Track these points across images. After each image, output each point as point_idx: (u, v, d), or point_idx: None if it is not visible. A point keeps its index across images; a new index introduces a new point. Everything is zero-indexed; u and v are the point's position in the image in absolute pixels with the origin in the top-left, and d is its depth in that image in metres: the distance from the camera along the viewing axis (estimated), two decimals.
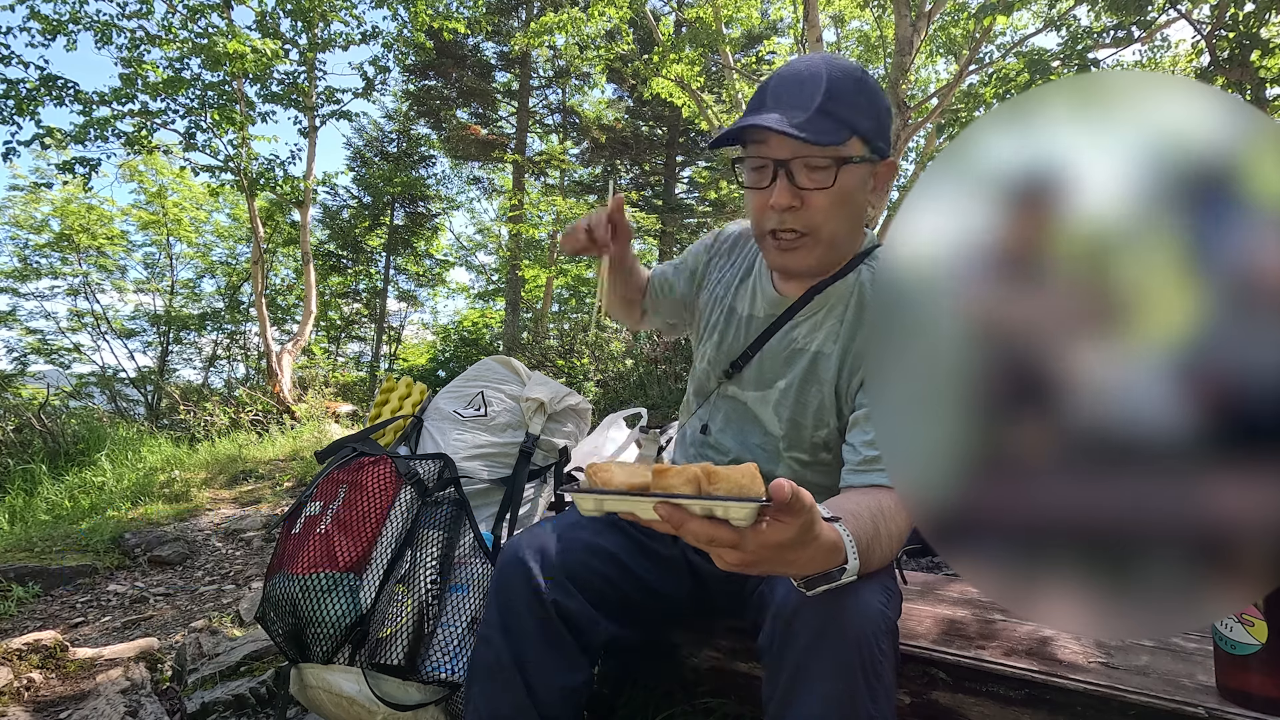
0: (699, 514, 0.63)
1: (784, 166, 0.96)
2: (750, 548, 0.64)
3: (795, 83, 0.97)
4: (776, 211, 0.98)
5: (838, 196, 0.98)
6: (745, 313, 1.17)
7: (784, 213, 0.98)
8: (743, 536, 0.63)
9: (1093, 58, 5.75)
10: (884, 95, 1.03)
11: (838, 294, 1.08)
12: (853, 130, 0.96)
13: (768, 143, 0.97)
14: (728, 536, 0.63)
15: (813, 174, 0.96)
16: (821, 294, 1.08)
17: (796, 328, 1.10)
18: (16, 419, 5.48)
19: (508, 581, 0.97)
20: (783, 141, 0.95)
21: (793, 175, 0.96)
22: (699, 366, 1.23)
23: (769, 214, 1.00)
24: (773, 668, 0.81)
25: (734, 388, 1.16)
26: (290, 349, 8.52)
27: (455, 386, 1.80)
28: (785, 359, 1.10)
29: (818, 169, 0.96)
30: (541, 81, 14.78)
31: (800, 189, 0.97)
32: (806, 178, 0.96)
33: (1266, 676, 0.86)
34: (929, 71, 11.85)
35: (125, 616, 2.52)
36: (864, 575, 0.85)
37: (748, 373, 1.14)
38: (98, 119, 6.99)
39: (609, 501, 0.66)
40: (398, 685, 1.20)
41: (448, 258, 16.95)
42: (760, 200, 1.00)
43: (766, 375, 1.12)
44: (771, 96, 0.98)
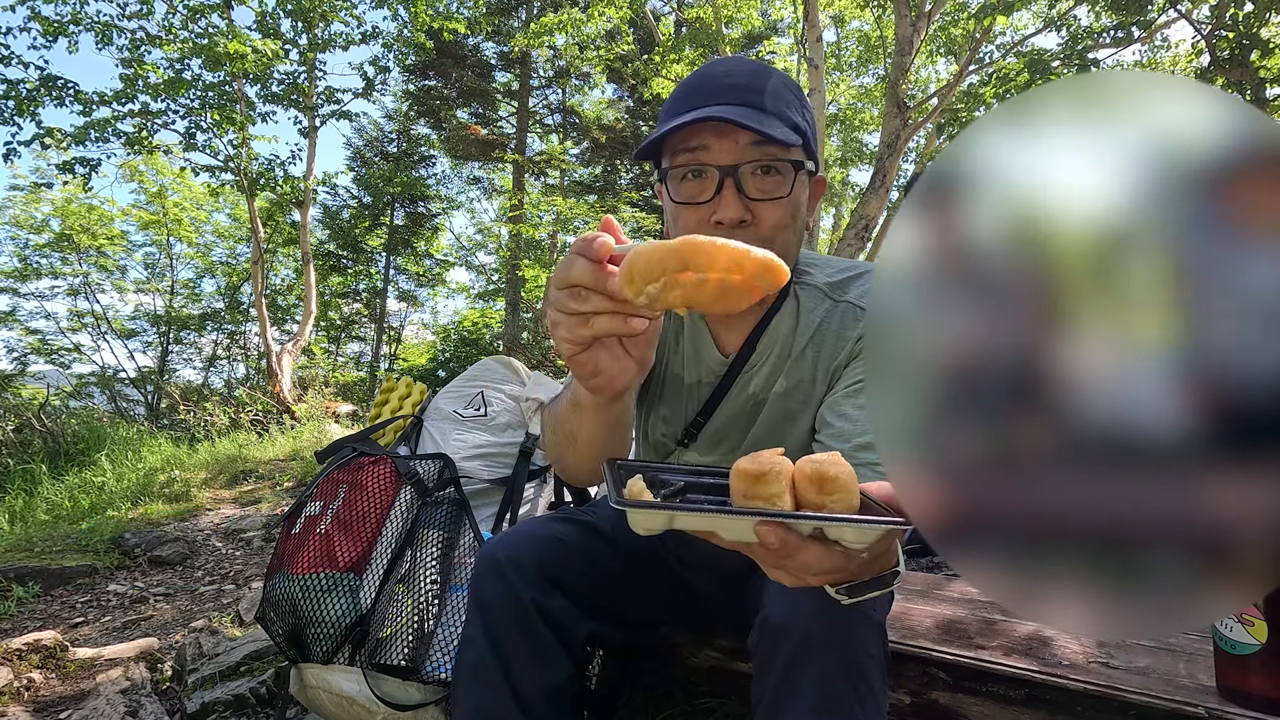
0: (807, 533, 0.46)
1: (731, 174, 0.83)
2: (854, 569, 0.51)
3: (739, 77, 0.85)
4: (726, 228, 0.83)
5: (791, 209, 0.86)
6: (691, 380, 1.03)
7: (733, 230, 0.83)
8: (850, 560, 0.49)
9: (1093, 58, 5.75)
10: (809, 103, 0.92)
11: (783, 329, 0.97)
12: (798, 132, 0.85)
13: (709, 148, 0.83)
14: (840, 564, 0.48)
15: (763, 182, 0.84)
16: (765, 337, 0.97)
17: (751, 381, 0.99)
18: (16, 419, 5.48)
19: (485, 583, 0.96)
20: (726, 142, 0.82)
21: (741, 184, 0.83)
22: (654, 428, 1.09)
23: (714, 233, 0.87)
24: (760, 672, 0.80)
25: (693, 454, 1.06)
26: (290, 349, 8.53)
27: (455, 386, 1.80)
28: (748, 413, 1.00)
29: (769, 176, 0.84)
30: (541, 81, 14.78)
31: (751, 200, 0.84)
32: (756, 187, 0.84)
33: (1266, 676, 0.86)
34: (929, 71, 11.85)
35: (125, 616, 2.52)
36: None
37: (705, 437, 1.04)
38: (98, 119, 7.00)
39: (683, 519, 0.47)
40: (398, 685, 1.20)
41: (448, 258, 16.95)
42: (698, 216, 0.85)
43: (732, 434, 1.02)
44: (711, 93, 0.84)
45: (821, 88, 6.19)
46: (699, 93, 0.85)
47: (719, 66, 0.89)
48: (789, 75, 0.91)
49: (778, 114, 0.84)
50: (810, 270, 1.01)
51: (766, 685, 0.78)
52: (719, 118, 0.79)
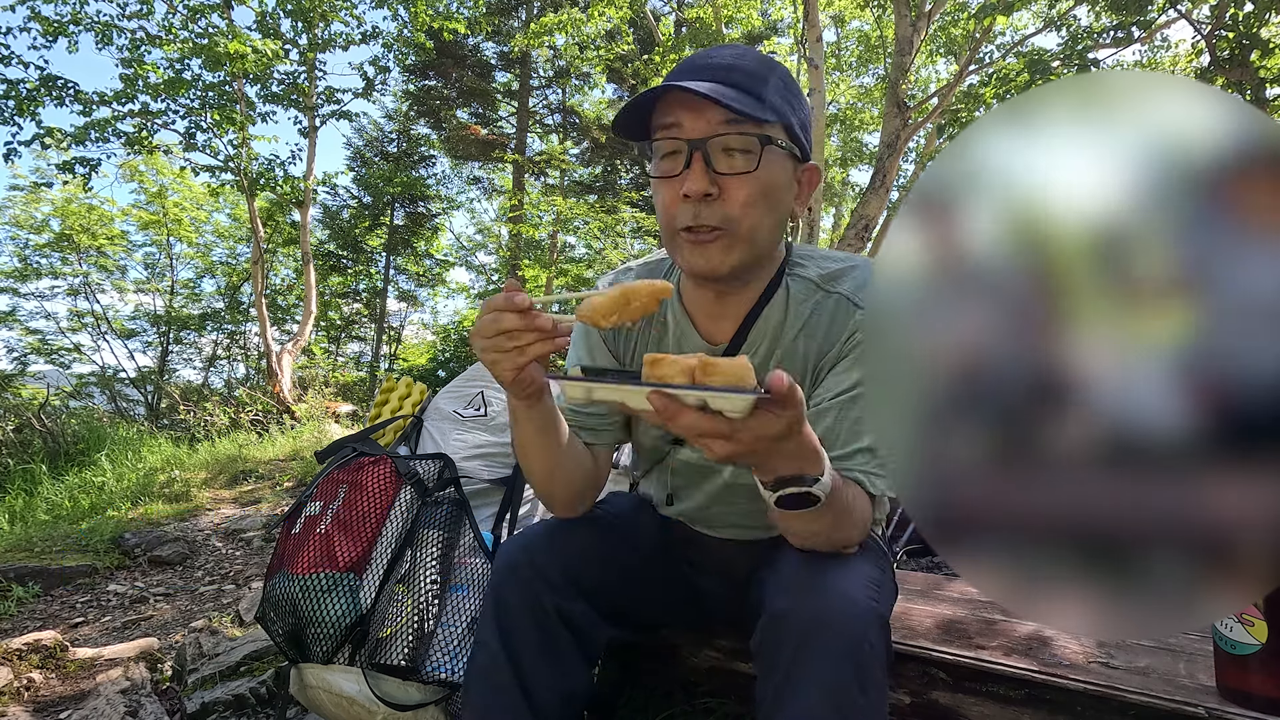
0: (693, 405, 0.62)
1: (700, 147, 0.85)
2: (744, 439, 0.64)
3: (709, 59, 0.88)
4: (692, 201, 0.85)
5: (760, 187, 0.86)
6: None
7: (700, 203, 0.85)
8: (734, 428, 0.63)
9: (1093, 58, 5.75)
10: (804, 97, 0.93)
11: (773, 320, 0.98)
12: (775, 112, 0.86)
13: (681, 124, 0.85)
14: (721, 429, 0.63)
15: (732, 158, 0.85)
16: (756, 328, 0.98)
17: None
18: (16, 419, 5.48)
19: (506, 586, 0.94)
20: (698, 119, 0.84)
21: (709, 159, 0.85)
22: (645, 433, 1.10)
23: (682, 207, 0.87)
24: (764, 669, 0.80)
25: (686, 452, 1.07)
26: (290, 349, 8.52)
27: (455, 386, 1.80)
28: None
29: (738, 152, 0.85)
30: (541, 81, 14.78)
31: (719, 174, 0.85)
32: (725, 162, 0.85)
33: (1266, 676, 0.86)
34: (929, 71, 11.85)
35: (125, 616, 2.52)
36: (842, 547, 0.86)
37: None
38: (98, 119, 7.00)
39: (599, 390, 0.64)
40: (398, 685, 1.20)
41: (448, 258, 16.93)
42: (671, 191, 0.88)
43: None
44: (689, 71, 0.87)
45: (821, 88, 6.19)
46: (680, 72, 0.87)
47: (712, 50, 0.90)
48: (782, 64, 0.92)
49: (752, 92, 0.85)
50: (803, 262, 1.01)
51: (770, 679, 0.78)
52: (681, 86, 0.82)
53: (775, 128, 0.87)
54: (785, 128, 0.88)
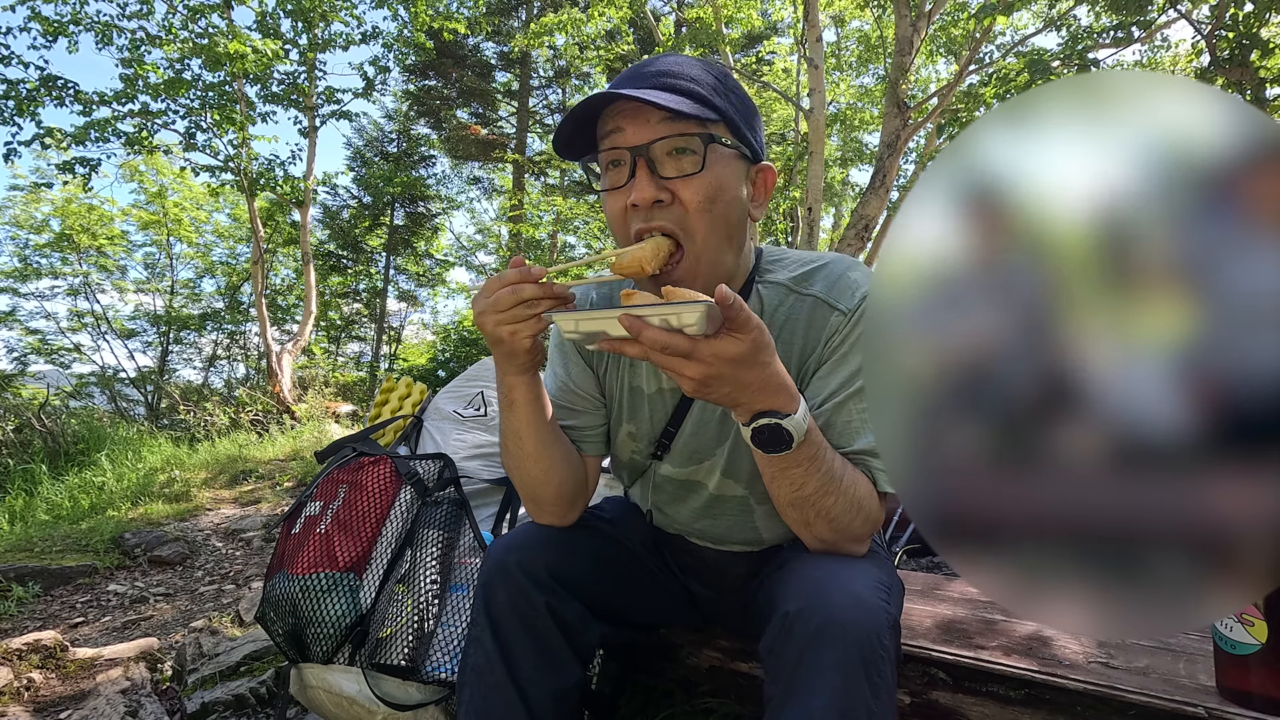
0: (657, 324, 0.69)
1: (642, 154, 0.82)
2: (705, 357, 0.69)
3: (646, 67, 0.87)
4: (642, 210, 0.83)
5: (708, 188, 0.83)
6: (653, 388, 1.01)
7: (649, 210, 0.83)
8: (696, 345, 0.69)
9: (1093, 58, 5.75)
10: (749, 95, 0.92)
11: None
12: (717, 112, 0.84)
13: (623, 131, 0.83)
14: (682, 344, 0.68)
15: (678, 160, 0.83)
16: None
17: None
18: (16, 419, 5.48)
19: (495, 585, 0.95)
20: (641, 125, 0.82)
21: (654, 165, 0.83)
22: (623, 448, 1.08)
23: (632, 216, 0.85)
24: (774, 668, 0.80)
25: (668, 467, 1.05)
26: (290, 349, 8.52)
27: (455, 386, 1.80)
28: (718, 422, 0.99)
29: (683, 154, 0.83)
30: (541, 81, 14.79)
31: (665, 179, 0.83)
32: (671, 165, 0.83)
33: (1266, 676, 0.86)
34: (929, 71, 11.84)
35: (125, 616, 2.52)
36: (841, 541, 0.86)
37: (677, 449, 1.02)
38: (98, 119, 6.99)
39: (585, 322, 0.74)
40: (398, 685, 1.20)
41: (448, 258, 16.93)
42: (619, 202, 0.86)
43: (702, 447, 1.01)
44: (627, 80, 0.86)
45: (821, 88, 6.19)
46: (620, 82, 0.87)
47: (651, 59, 0.89)
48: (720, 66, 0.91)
49: (691, 94, 0.83)
50: (772, 268, 0.99)
51: (780, 679, 0.77)
52: (619, 94, 0.81)
53: (718, 126, 0.85)
54: (730, 126, 0.86)
